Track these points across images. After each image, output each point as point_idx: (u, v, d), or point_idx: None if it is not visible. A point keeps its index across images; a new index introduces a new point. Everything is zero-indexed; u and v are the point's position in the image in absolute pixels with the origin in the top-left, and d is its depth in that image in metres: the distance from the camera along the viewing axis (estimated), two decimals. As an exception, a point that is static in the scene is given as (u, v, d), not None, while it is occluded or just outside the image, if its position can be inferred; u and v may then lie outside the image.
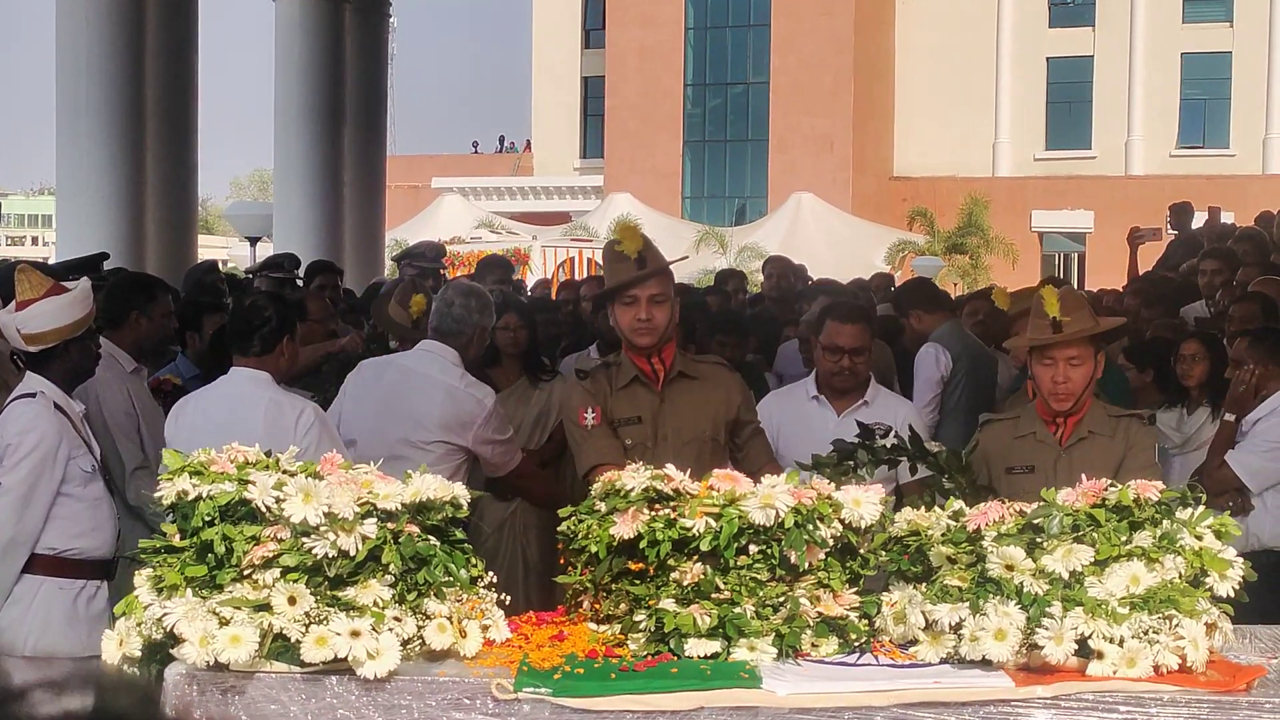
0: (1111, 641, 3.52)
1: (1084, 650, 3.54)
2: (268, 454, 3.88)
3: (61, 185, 14.85)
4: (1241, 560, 3.73)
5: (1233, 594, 3.69)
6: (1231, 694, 3.51)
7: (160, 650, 3.59)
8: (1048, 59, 48.75)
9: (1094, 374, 5.30)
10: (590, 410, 5.42)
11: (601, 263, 5.71)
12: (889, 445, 4.97)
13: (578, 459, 5.50)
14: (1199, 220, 17.38)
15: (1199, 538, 3.70)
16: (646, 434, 5.41)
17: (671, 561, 3.80)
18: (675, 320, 5.53)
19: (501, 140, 60.91)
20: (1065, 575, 3.61)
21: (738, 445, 5.61)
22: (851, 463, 4.77)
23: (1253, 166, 45.80)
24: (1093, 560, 3.62)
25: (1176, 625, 3.55)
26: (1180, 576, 3.64)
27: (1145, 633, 3.54)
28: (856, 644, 3.83)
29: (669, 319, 5.45)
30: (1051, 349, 5.25)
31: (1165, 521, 3.72)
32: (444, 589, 3.71)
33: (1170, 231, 16.90)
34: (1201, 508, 3.79)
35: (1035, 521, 3.72)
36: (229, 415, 5.74)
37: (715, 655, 3.72)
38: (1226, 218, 23.08)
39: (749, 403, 5.72)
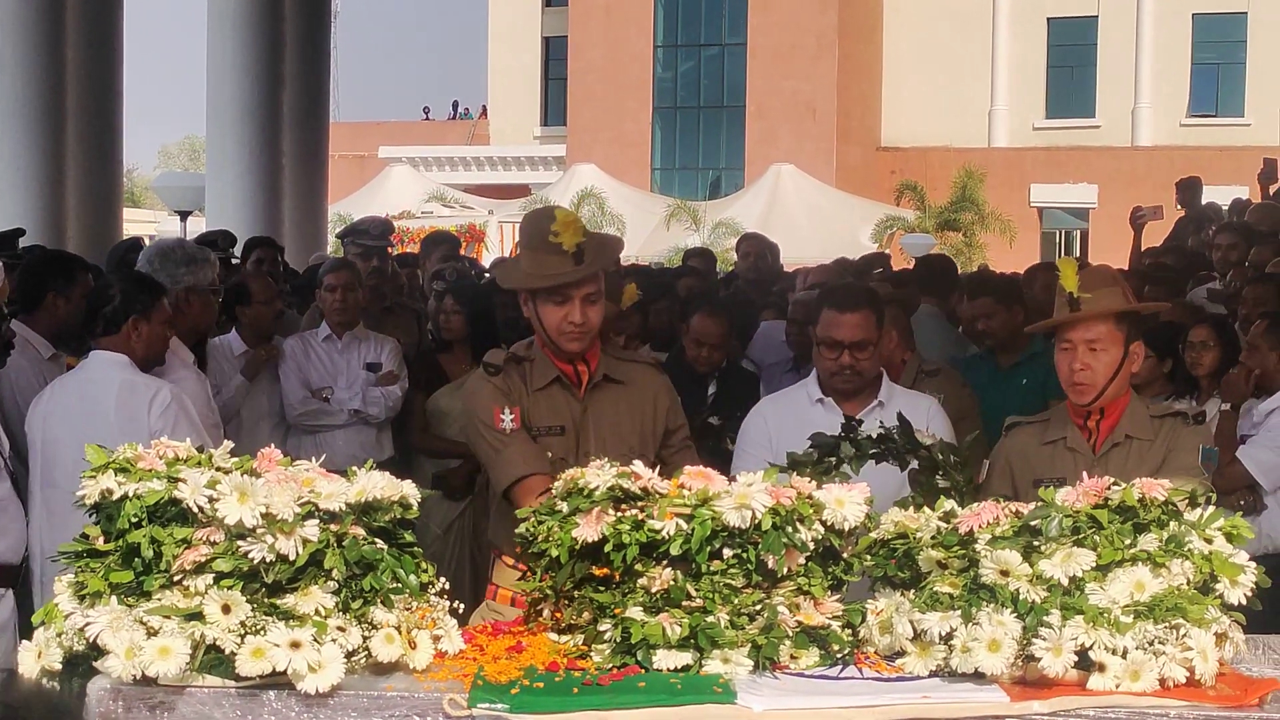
0: (1114, 653, 3.54)
1: (1084, 662, 3.56)
2: (200, 449, 3.88)
3: (-29, 154, 14.74)
4: (1254, 565, 3.75)
5: (1244, 601, 3.71)
6: (1243, 709, 3.53)
7: (83, 663, 3.58)
8: (1048, 19, 48.84)
9: (1123, 364, 5.02)
10: (508, 410, 5.02)
11: (520, 238, 5.26)
12: (874, 436, 4.72)
13: (495, 471, 5.05)
14: (1213, 195, 17.66)
15: (1209, 541, 3.72)
16: (570, 447, 5.06)
17: (639, 566, 3.81)
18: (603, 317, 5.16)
19: (455, 106, 60.95)
20: (1064, 581, 3.62)
21: (663, 458, 5.13)
22: (833, 459, 4.68)
23: (1270, 137, 45.78)
24: (1094, 565, 3.63)
25: (1184, 635, 3.57)
26: (1188, 583, 3.66)
27: (1150, 643, 3.56)
28: (839, 655, 3.84)
29: (601, 318, 5.11)
30: (1068, 331, 4.99)
31: (1172, 523, 3.74)
32: (392, 596, 3.71)
33: (1178, 208, 17.21)
34: (1212, 508, 3.82)
35: (1032, 523, 3.73)
36: (81, 400, 5.90)
37: (686, 668, 3.72)
38: (1240, 192, 23.31)
39: (677, 407, 5.38)
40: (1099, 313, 4.97)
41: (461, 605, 3.97)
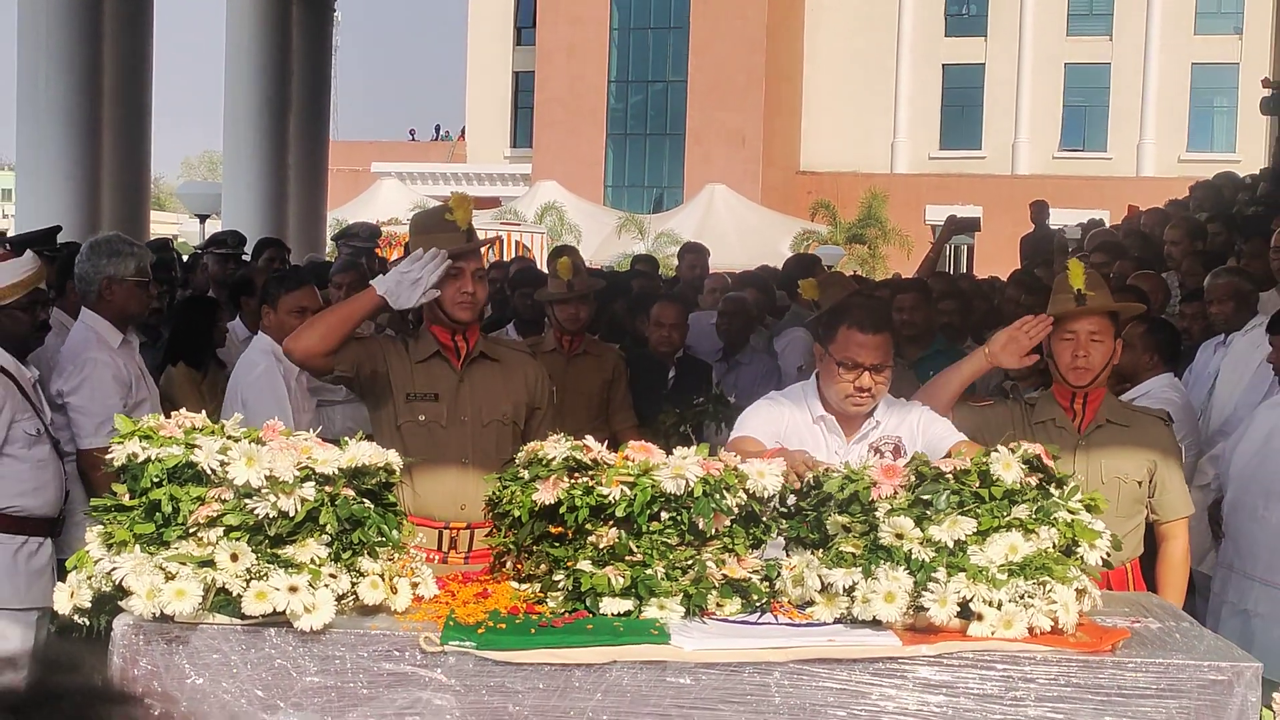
0: (991, 605, 3.56)
1: (965, 612, 3.57)
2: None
3: (21, 160, 14.56)
4: (1110, 533, 3.78)
5: (1100, 563, 3.74)
6: (1098, 654, 3.55)
7: (109, 602, 3.55)
8: (943, 65, 49.09)
9: (1112, 358, 5.05)
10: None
11: (413, 229, 5.27)
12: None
13: None
14: (1079, 217, 18.21)
15: (1072, 512, 3.75)
16: (441, 413, 5.01)
17: (589, 526, 3.80)
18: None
19: (437, 129, 60.70)
20: (950, 544, 3.63)
21: (523, 435, 5.04)
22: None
23: (1127, 169, 46.39)
24: (975, 531, 3.65)
25: (1050, 590, 3.59)
26: (1054, 546, 3.69)
27: (1021, 597, 3.58)
28: (758, 604, 3.84)
29: (488, 295, 5.14)
30: (1073, 322, 4.99)
31: (1041, 497, 3.76)
32: (377, 548, 3.70)
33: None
34: (1073, 484, 3.84)
35: (924, 497, 3.74)
36: (238, 369, 6.74)
37: (628, 613, 3.72)
38: (1102, 215, 23.77)
39: (545, 388, 5.26)
40: (1105, 308, 5.05)
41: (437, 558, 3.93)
